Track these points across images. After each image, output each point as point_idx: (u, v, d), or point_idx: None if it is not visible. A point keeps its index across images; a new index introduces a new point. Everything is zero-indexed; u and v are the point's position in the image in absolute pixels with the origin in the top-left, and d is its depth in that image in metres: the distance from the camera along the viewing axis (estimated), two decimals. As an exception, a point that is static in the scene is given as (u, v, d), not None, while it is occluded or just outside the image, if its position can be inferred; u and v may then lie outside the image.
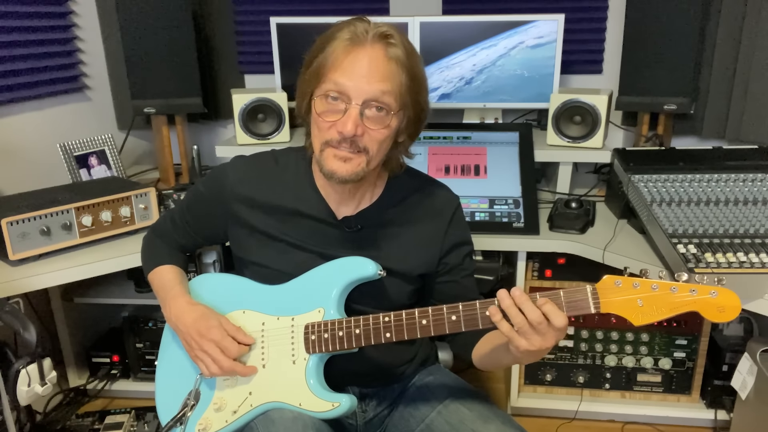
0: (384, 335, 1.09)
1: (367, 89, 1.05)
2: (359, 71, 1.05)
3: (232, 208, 1.24)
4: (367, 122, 1.07)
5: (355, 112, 1.05)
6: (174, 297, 1.24)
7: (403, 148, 1.19)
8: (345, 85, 1.05)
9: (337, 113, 1.07)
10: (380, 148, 1.11)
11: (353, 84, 1.05)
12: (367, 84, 1.05)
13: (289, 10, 2.40)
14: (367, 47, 1.06)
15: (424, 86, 1.14)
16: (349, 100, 1.06)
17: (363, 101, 1.06)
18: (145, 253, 1.39)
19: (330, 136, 1.09)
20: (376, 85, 1.05)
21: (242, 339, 1.16)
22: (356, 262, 1.15)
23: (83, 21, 2.35)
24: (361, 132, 1.07)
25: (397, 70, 1.07)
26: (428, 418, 1.22)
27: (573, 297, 1.00)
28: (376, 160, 1.12)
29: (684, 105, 2.06)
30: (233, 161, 1.28)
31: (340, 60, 1.06)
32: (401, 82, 1.08)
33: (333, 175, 1.10)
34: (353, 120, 1.05)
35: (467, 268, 1.29)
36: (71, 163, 2.06)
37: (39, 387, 1.41)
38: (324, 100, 1.08)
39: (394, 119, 1.09)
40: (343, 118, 1.06)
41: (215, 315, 1.19)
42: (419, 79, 1.12)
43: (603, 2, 2.30)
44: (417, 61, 1.11)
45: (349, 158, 1.09)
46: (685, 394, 1.97)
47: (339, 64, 1.06)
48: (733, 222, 1.56)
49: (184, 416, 1.17)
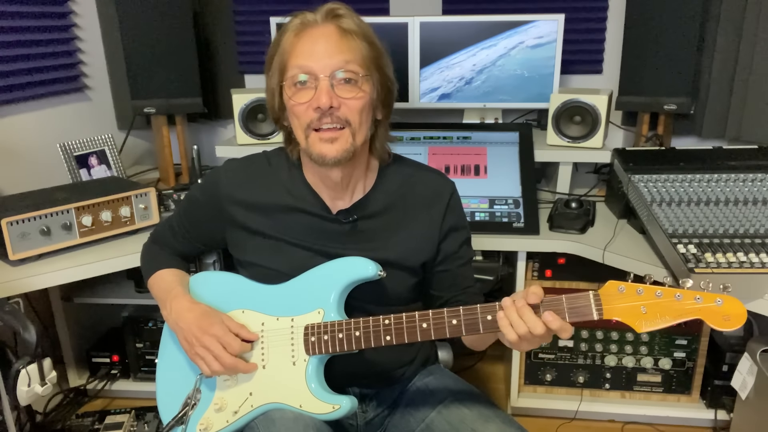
0: (384, 338, 1.09)
1: (330, 62, 1.07)
2: (318, 50, 1.07)
3: (228, 211, 1.24)
4: (340, 92, 1.08)
5: (325, 83, 1.07)
6: (175, 297, 1.24)
7: (384, 129, 1.20)
8: (308, 65, 1.07)
9: (308, 92, 1.08)
10: (361, 119, 1.11)
11: (316, 61, 1.07)
12: (329, 58, 1.07)
13: (289, 10, 2.38)
14: (319, 26, 1.09)
15: (384, 54, 1.15)
16: (316, 76, 1.07)
17: (330, 73, 1.07)
18: (145, 260, 1.39)
19: (309, 118, 1.09)
20: (338, 56, 1.07)
21: (246, 335, 1.16)
22: (356, 263, 1.15)
23: (83, 21, 2.35)
24: (337, 103, 1.08)
25: (354, 39, 1.09)
26: (428, 418, 1.22)
27: (575, 303, 0.99)
28: (360, 132, 1.12)
29: (684, 105, 2.06)
30: (225, 165, 1.29)
31: (296, 46, 1.09)
32: (361, 50, 1.10)
33: (324, 159, 1.10)
34: (326, 91, 1.07)
35: (463, 256, 1.28)
36: (71, 163, 2.06)
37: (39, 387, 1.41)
38: (293, 86, 1.10)
39: (365, 83, 1.10)
40: (315, 94, 1.07)
41: (217, 313, 1.19)
42: (377, 46, 1.13)
43: (603, 2, 2.30)
44: (370, 31, 1.13)
45: (334, 138, 1.10)
46: (685, 394, 1.97)
47: (297, 50, 1.09)
48: (733, 222, 1.56)
49: (185, 416, 1.17)
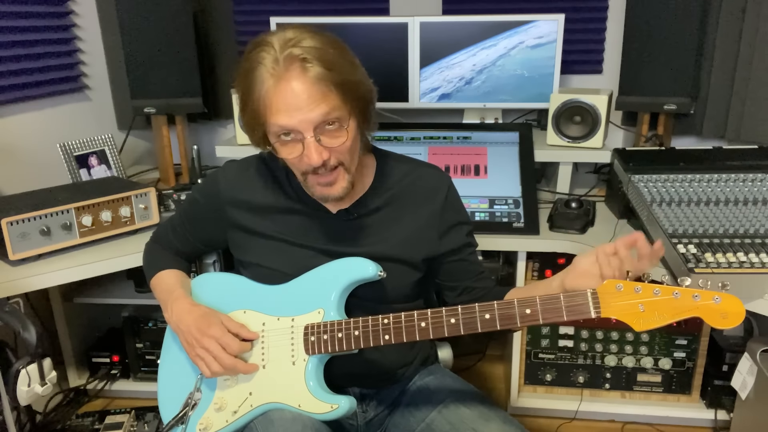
0: (383, 337, 1.09)
1: (310, 117, 1.04)
2: (292, 104, 1.04)
3: (228, 212, 1.24)
4: (327, 142, 1.07)
5: (312, 141, 1.06)
6: (176, 299, 1.24)
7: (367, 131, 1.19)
8: (288, 123, 1.05)
9: (296, 144, 1.07)
10: (352, 155, 1.13)
11: (295, 119, 1.04)
12: (307, 113, 1.04)
13: (289, 10, 2.40)
14: (287, 77, 1.03)
15: (354, 72, 1.10)
16: (300, 133, 1.06)
17: (313, 128, 1.05)
18: (147, 260, 1.40)
19: (304, 168, 1.10)
20: (316, 110, 1.04)
21: (246, 335, 1.17)
22: (356, 263, 1.15)
23: (83, 21, 2.35)
24: (327, 155, 1.08)
25: (326, 86, 1.04)
26: (428, 418, 1.22)
27: (573, 301, 0.99)
28: (353, 165, 1.14)
29: (684, 105, 2.06)
30: (224, 167, 1.30)
31: (271, 101, 1.05)
32: (335, 93, 1.06)
33: (327, 198, 1.15)
34: (315, 150, 1.06)
35: (470, 245, 1.30)
36: (71, 163, 2.06)
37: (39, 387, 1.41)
38: (279, 142, 1.09)
39: (350, 123, 1.09)
40: (305, 151, 1.07)
41: (217, 314, 1.20)
42: (347, 72, 1.08)
43: (603, 2, 2.30)
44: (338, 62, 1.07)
45: (332, 181, 1.12)
46: (685, 394, 1.97)
47: (274, 106, 1.05)
48: (733, 222, 1.56)
49: (185, 416, 1.17)
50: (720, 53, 2.10)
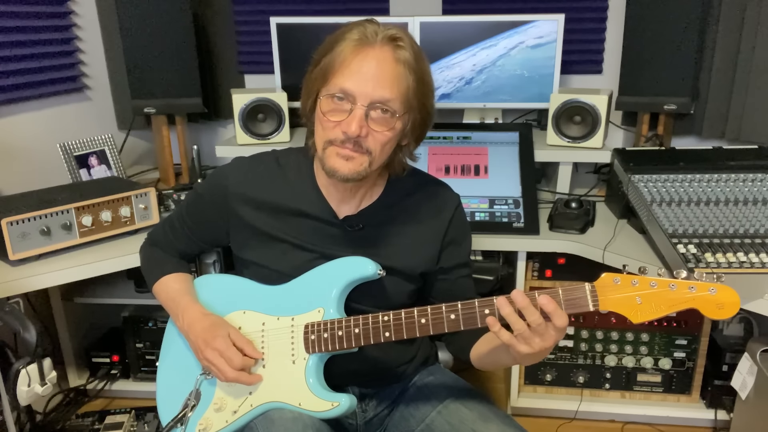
0: (383, 334, 1.09)
1: (373, 92, 1.05)
2: (366, 73, 1.05)
3: (233, 208, 1.24)
4: (372, 123, 1.07)
5: (361, 113, 1.06)
6: (185, 309, 1.24)
7: (407, 151, 1.19)
8: (351, 87, 1.05)
9: (342, 113, 1.07)
10: (383, 150, 1.11)
11: (360, 86, 1.05)
12: (373, 87, 1.05)
13: (289, 10, 2.40)
14: (375, 49, 1.06)
15: (431, 90, 1.14)
16: (355, 101, 1.06)
17: (369, 103, 1.06)
18: (146, 264, 1.39)
19: (334, 136, 1.09)
20: (383, 88, 1.05)
21: (250, 353, 1.16)
22: (356, 262, 1.15)
23: (83, 21, 2.35)
24: (365, 133, 1.07)
25: (405, 73, 1.07)
26: (428, 418, 1.22)
27: (572, 295, 1.00)
28: (378, 161, 1.12)
29: (684, 105, 2.06)
30: (233, 162, 1.28)
31: (348, 61, 1.06)
32: (408, 85, 1.08)
33: (335, 173, 1.10)
34: (358, 120, 1.05)
35: (465, 268, 1.29)
36: (71, 163, 2.06)
37: (39, 387, 1.41)
38: (330, 99, 1.08)
39: (399, 122, 1.10)
40: (348, 118, 1.06)
41: (225, 326, 1.19)
42: (426, 82, 1.12)
43: (603, 2, 2.30)
44: (425, 65, 1.11)
45: (351, 157, 1.09)
46: (685, 394, 1.97)
47: (347, 66, 1.06)
48: (733, 222, 1.56)
49: (185, 416, 1.17)
50: (720, 53, 2.10)
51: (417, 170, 1.30)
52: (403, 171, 1.23)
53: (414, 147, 1.20)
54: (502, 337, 0.98)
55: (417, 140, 1.19)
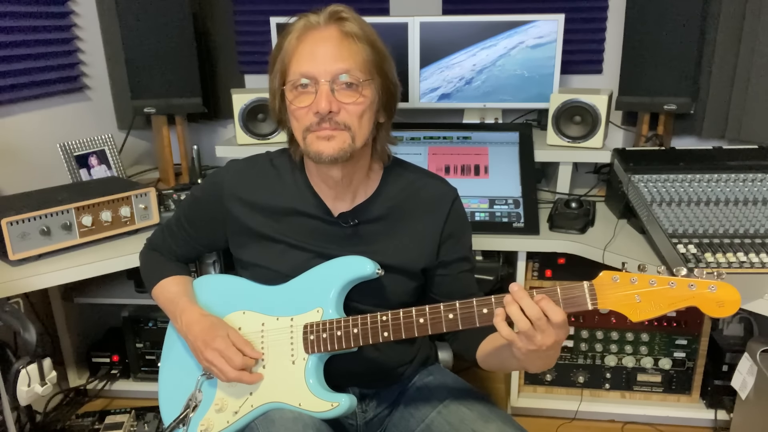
0: (382, 334, 1.09)
1: (331, 68, 1.06)
2: (320, 53, 1.06)
3: (230, 210, 1.24)
4: (340, 97, 1.07)
5: (326, 88, 1.06)
6: (183, 310, 1.24)
7: (385, 131, 1.19)
8: (309, 68, 1.06)
9: (308, 96, 1.08)
10: (361, 123, 1.10)
11: (317, 66, 1.06)
12: (330, 63, 1.06)
13: (289, 10, 2.37)
14: (321, 29, 1.08)
15: (387, 58, 1.14)
16: (317, 80, 1.07)
17: (330, 78, 1.06)
18: (145, 268, 1.39)
19: (308, 121, 1.09)
20: (340, 62, 1.06)
21: (249, 354, 1.16)
22: (354, 262, 1.15)
23: (83, 21, 2.35)
24: (336, 108, 1.07)
25: (356, 43, 1.08)
26: (428, 418, 1.22)
27: (570, 293, 0.99)
28: (360, 136, 1.11)
29: (684, 105, 2.06)
30: (228, 165, 1.29)
31: (297, 48, 1.08)
32: (363, 54, 1.09)
33: (320, 156, 1.09)
34: (325, 96, 1.06)
35: (465, 263, 1.28)
36: (71, 163, 2.06)
37: (39, 387, 1.41)
38: (294, 90, 1.09)
39: (367, 89, 1.09)
40: (315, 98, 1.07)
41: (224, 326, 1.19)
42: (380, 49, 1.12)
43: (603, 2, 2.30)
44: (374, 34, 1.12)
45: (332, 136, 1.08)
46: (685, 394, 1.97)
47: (298, 52, 1.08)
48: (733, 222, 1.56)
49: (186, 417, 1.17)
50: (720, 53, 2.10)
51: (412, 165, 1.30)
52: (388, 159, 1.23)
53: (389, 123, 1.20)
54: (503, 331, 0.98)
55: (388, 113, 1.18)
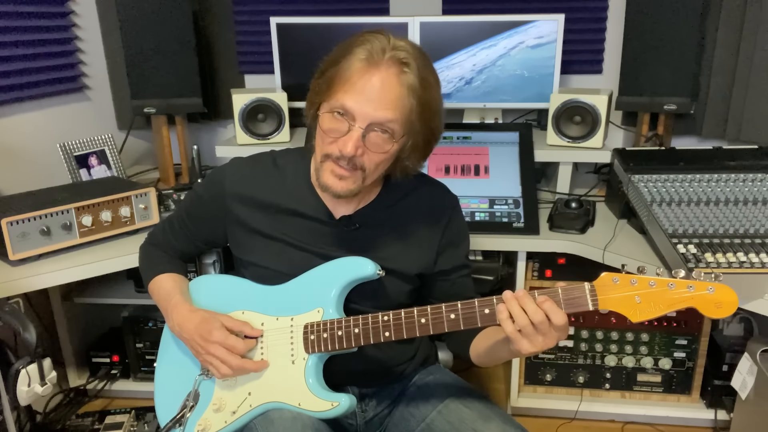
0: (383, 334, 1.09)
1: (372, 114, 1.05)
2: (368, 94, 1.05)
3: (231, 208, 1.24)
4: (369, 144, 1.08)
5: (358, 134, 1.06)
6: (174, 306, 1.24)
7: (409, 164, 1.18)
8: (352, 105, 1.05)
9: (340, 131, 1.07)
10: (377, 169, 1.12)
11: (360, 106, 1.05)
12: (373, 109, 1.05)
13: (289, 10, 2.40)
14: (381, 69, 1.05)
15: (437, 113, 1.13)
16: (354, 120, 1.06)
17: (367, 125, 1.06)
18: (143, 263, 1.39)
19: (331, 151, 1.10)
20: (383, 111, 1.05)
21: (249, 332, 1.16)
22: (355, 262, 1.15)
23: (83, 21, 2.35)
24: (360, 153, 1.08)
25: (408, 96, 1.06)
26: (428, 418, 1.22)
27: (571, 294, 1.00)
28: (371, 178, 1.13)
29: (684, 105, 2.06)
30: (231, 162, 1.29)
31: (352, 79, 1.05)
32: (410, 109, 1.07)
33: (327, 190, 1.12)
34: (354, 142, 1.06)
35: (463, 269, 1.29)
36: (71, 163, 2.06)
37: (39, 387, 1.41)
38: (330, 116, 1.08)
39: (396, 145, 1.10)
40: (344, 137, 1.07)
41: (216, 317, 1.19)
42: (431, 106, 1.11)
43: (603, 2, 2.30)
44: (431, 89, 1.10)
45: (345, 176, 1.10)
46: (685, 394, 1.97)
47: (350, 83, 1.06)
48: (733, 222, 1.56)
49: (183, 417, 1.17)
50: (720, 53, 2.10)
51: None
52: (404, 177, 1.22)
53: (419, 163, 1.19)
54: (507, 328, 0.99)
55: (422, 157, 1.18)
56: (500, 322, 1.00)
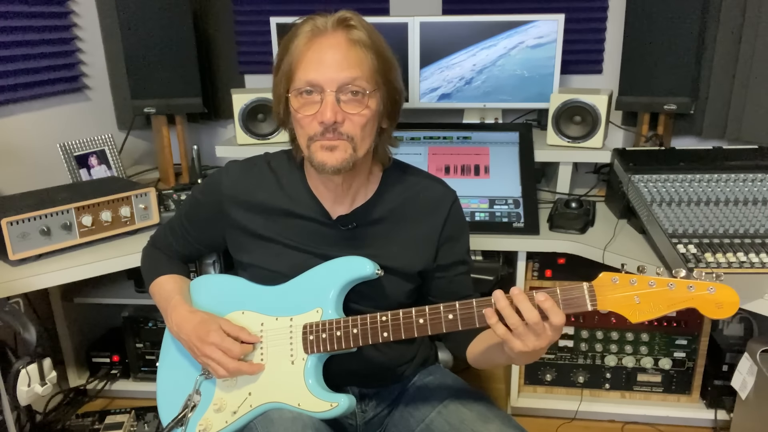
0: (381, 335, 1.09)
1: (337, 77, 1.06)
2: (327, 60, 1.06)
3: (229, 212, 1.24)
4: (345, 107, 1.07)
5: (331, 98, 1.06)
6: (174, 307, 1.24)
7: (387, 135, 1.19)
8: (315, 76, 1.06)
9: (313, 105, 1.08)
10: (364, 134, 1.10)
11: (323, 74, 1.06)
12: (336, 72, 1.06)
13: (289, 10, 2.40)
14: (328, 36, 1.07)
15: (393, 65, 1.14)
16: (323, 89, 1.06)
17: (337, 87, 1.06)
18: (145, 265, 1.39)
19: (313, 131, 1.09)
20: (346, 71, 1.06)
21: (246, 338, 1.16)
22: (354, 262, 1.15)
23: (83, 21, 2.35)
24: (341, 118, 1.07)
25: (363, 52, 1.08)
26: (428, 418, 1.22)
27: (570, 294, 0.99)
28: (362, 146, 1.11)
29: (684, 105, 2.06)
30: (227, 166, 1.29)
31: (305, 54, 1.07)
32: (370, 63, 1.08)
33: (323, 167, 1.10)
34: (331, 107, 1.06)
35: (462, 266, 1.28)
36: (71, 163, 2.06)
37: (39, 387, 1.41)
38: (299, 96, 1.09)
39: (372, 100, 1.09)
40: (320, 108, 1.07)
41: (215, 319, 1.19)
42: (387, 58, 1.12)
43: (603, 2, 2.30)
44: (382, 41, 1.12)
45: (334, 146, 1.08)
46: (685, 394, 1.97)
47: (305, 59, 1.07)
48: (733, 222, 1.56)
49: (185, 417, 1.17)
50: (720, 53, 2.10)
51: (412, 167, 1.29)
52: (388, 161, 1.23)
53: (391, 129, 1.20)
54: (497, 330, 0.98)
55: (392, 120, 1.18)
56: (491, 326, 0.99)
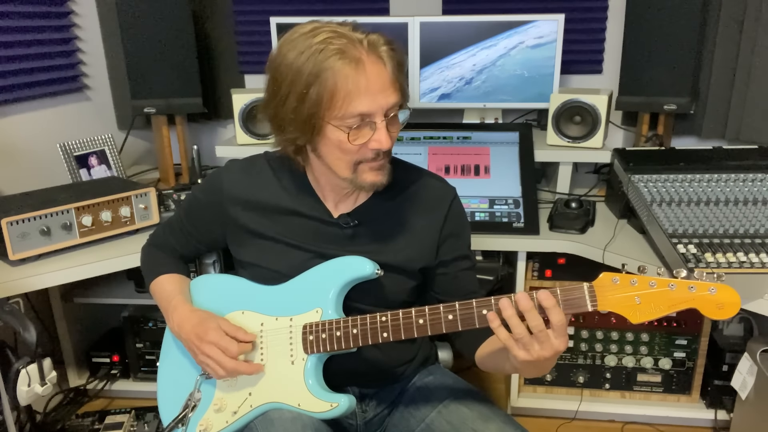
0: (381, 335, 1.09)
1: (386, 104, 1.06)
2: (372, 89, 1.04)
3: (229, 211, 1.24)
4: (390, 128, 1.10)
5: (383, 126, 1.07)
6: (175, 307, 1.24)
7: None
8: (366, 107, 1.05)
9: (364, 132, 1.07)
10: None
11: (373, 104, 1.05)
12: (384, 99, 1.06)
13: (289, 10, 2.40)
14: (365, 62, 1.04)
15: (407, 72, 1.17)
16: (373, 117, 1.06)
17: (384, 114, 1.07)
18: (145, 264, 1.39)
19: (362, 156, 1.10)
20: (391, 97, 1.07)
21: (243, 337, 1.16)
22: (354, 262, 1.15)
23: (83, 21, 2.35)
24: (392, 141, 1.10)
25: (394, 69, 1.09)
26: (428, 418, 1.22)
27: (570, 295, 0.99)
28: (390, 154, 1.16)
29: (684, 105, 2.06)
30: (227, 165, 1.29)
31: (350, 86, 1.03)
32: (402, 83, 1.10)
33: (375, 185, 1.14)
34: (386, 135, 1.07)
35: (465, 261, 1.28)
36: (71, 163, 2.06)
37: (39, 387, 1.41)
38: (346, 129, 1.06)
39: (404, 114, 1.12)
40: (374, 135, 1.07)
41: (214, 318, 1.19)
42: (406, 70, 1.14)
43: (603, 2, 2.30)
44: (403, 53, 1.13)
45: (383, 165, 1.13)
46: (685, 394, 1.97)
47: (354, 92, 1.03)
48: (733, 222, 1.56)
49: (185, 417, 1.17)
50: (720, 53, 2.10)
51: (412, 165, 1.30)
52: None
53: None
54: (500, 335, 0.98)
55: None
56: (493, 330, 0.99)
